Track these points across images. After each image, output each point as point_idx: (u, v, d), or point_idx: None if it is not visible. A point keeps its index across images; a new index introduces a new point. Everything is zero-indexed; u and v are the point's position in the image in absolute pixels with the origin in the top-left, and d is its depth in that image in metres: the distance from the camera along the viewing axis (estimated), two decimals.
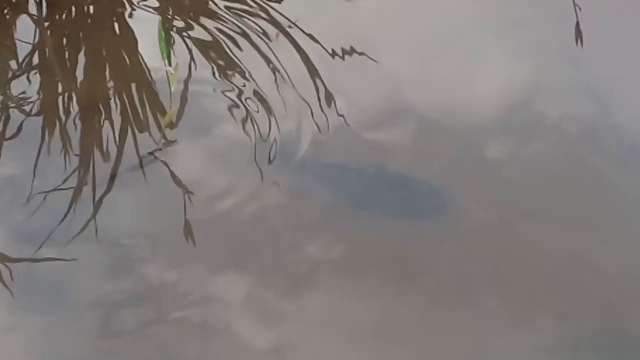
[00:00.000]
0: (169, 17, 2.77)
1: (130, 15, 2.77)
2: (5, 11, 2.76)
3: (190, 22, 2.76)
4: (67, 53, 2.67)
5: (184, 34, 2.72)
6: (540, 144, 2.42)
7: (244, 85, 2.57)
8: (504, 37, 2.72)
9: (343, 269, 2.14)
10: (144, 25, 2.71)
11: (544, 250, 2.14)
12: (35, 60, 2.62)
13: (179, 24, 2.76)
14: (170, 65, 2.39)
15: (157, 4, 2.79)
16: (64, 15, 2.77)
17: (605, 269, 2.10)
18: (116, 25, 2.75)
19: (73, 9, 2.78)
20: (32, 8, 2.74)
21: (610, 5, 2.81)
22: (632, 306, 2.06)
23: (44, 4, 2.74)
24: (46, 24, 2.76)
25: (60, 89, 2.55)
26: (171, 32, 2.70)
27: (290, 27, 2.75)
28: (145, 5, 2.78)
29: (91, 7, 2.79)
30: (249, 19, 2.78)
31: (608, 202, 2.26)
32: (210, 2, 2.82)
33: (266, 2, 2.81)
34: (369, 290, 2.10)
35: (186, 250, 2.19)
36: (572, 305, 2.05)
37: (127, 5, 2.79)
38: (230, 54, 2.68)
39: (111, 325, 2.03)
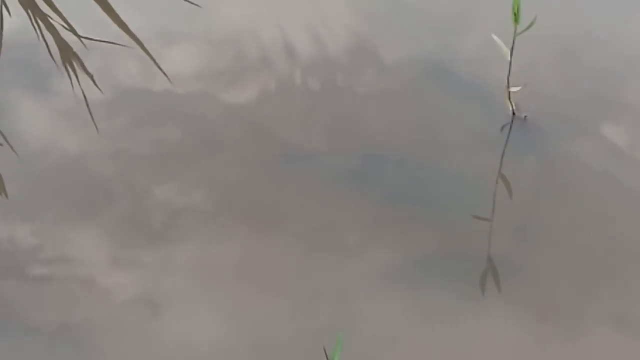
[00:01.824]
0: None
1: None
2: None
3: None
4: None
5: None
6: (381, 79, 2.48)
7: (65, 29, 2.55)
8: None
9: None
10: None
11: (390, 182, 2.22)
12: None
13: None
14: None
15: None
16: None
17: (442, 197, 2.19)
18: None
19: None
20: None
21: None
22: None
23: None
24: None
25: None
26: None
27: None
28: None
29: None
30: None
31: (447, 135, 2.34)
32: None
33: None
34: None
35: (38, 205, 2.16)
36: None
37: None
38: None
39: None
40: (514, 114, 2.34)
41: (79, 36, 2.55)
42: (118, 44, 2.53)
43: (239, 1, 2.69)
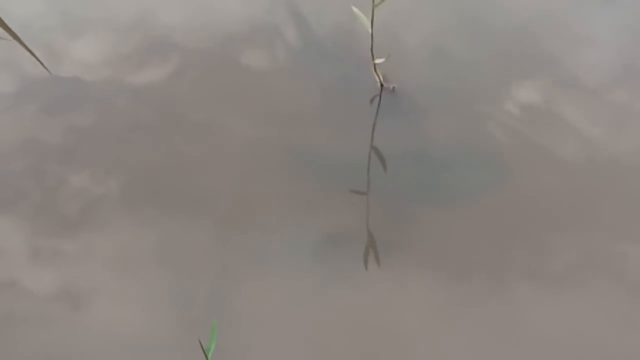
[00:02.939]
0: None
1: None
2: None
3: None
4: None
5: None
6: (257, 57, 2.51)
7: None
8: None
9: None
10: None
11: (266, 160, 2.25)
12: None
13: None
14: None
15: None
16: None
17: (317, 172, 2.23)
18: None
19: None
20: None
21: None
22: None
23: None
24: None
25: None
26: None
27: None
28: None
29: None
30: None
31: (318, 109, 2.39)
32: None
33: None
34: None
35: None
36: None
37: None
38: None
39: None
40: (382, 85, 2.39)
41: None
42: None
43: None
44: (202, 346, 1.75)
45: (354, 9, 2.32)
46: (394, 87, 2.39)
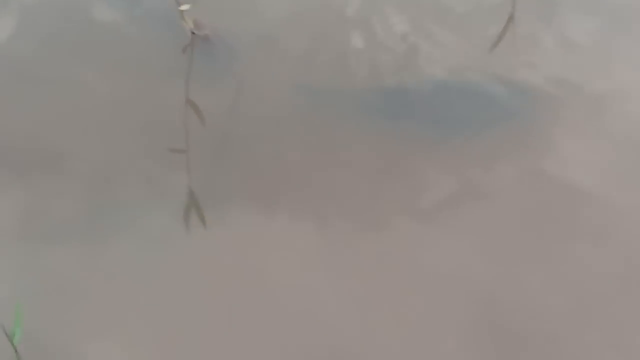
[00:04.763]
0: None
1: None
2: None
3: None
4: None
5: None
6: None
7: None
8: None
9: None
10: None
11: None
12: None
13: None
14: None
15: None
16: None
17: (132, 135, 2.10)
18: None
19: None
20: None
21: None
22: None
23: None
24: None
25: None
26: None
27: None
28: None
29: None
30: None
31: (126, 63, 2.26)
32: None
33: None
34: None
35: None
36: None
37: None
38: None
39: None
40: (193, 33, 2.24)
41: None
42: None
43: None
44: (5, 332, 1.56)
45: None
46: (206, 35, 2.21)
